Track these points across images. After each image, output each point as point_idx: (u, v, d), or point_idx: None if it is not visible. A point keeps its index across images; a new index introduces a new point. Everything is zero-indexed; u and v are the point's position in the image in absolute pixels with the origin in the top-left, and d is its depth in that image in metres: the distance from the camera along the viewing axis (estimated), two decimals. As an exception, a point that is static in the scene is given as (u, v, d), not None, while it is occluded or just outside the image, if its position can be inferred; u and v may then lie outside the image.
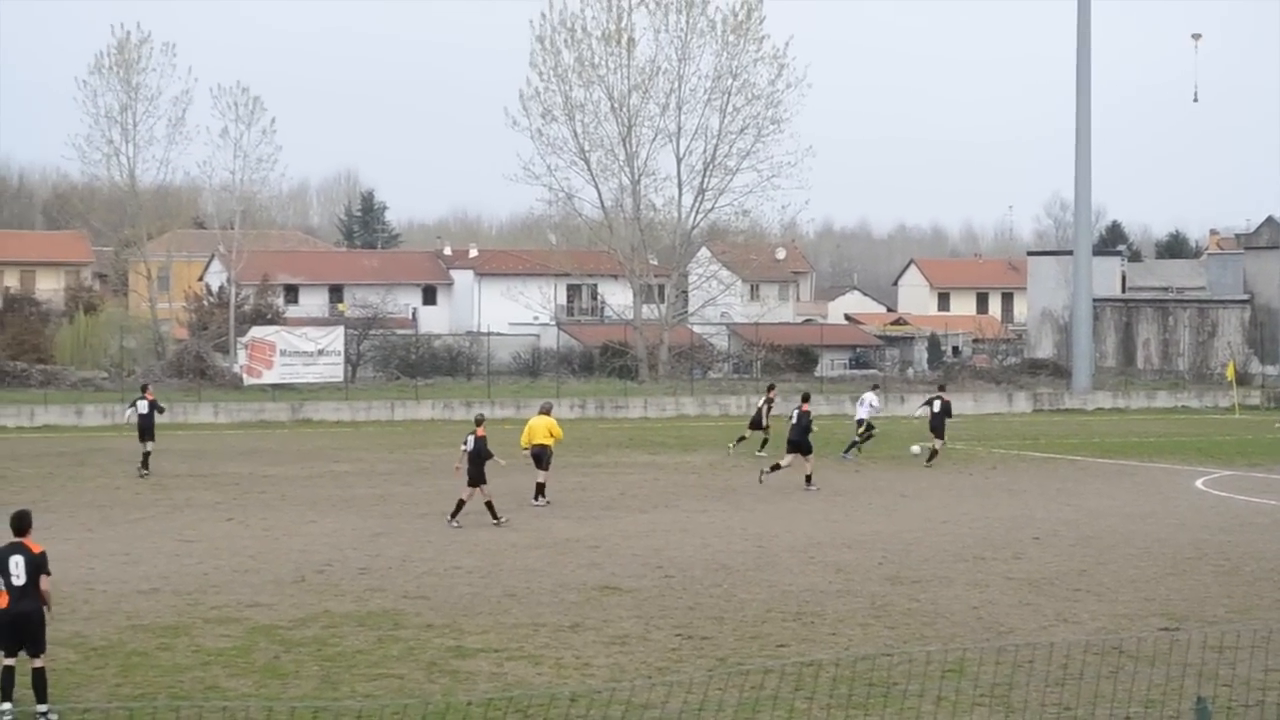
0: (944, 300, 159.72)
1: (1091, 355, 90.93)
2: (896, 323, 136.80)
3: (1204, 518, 39.98)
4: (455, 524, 37.85)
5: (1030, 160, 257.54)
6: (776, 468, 46.19)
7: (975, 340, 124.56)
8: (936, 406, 53.27)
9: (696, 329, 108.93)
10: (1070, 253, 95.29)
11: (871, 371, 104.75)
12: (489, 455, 38.08)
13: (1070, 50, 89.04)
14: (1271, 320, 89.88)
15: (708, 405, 78.76)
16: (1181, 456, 55.94)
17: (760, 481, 45.93)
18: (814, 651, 24.32)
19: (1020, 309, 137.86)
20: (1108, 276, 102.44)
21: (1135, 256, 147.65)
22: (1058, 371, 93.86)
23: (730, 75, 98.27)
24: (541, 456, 41.70)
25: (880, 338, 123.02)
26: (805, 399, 48.24)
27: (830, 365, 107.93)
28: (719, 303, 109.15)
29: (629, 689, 21.27)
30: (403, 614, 27.18)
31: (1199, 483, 48.07)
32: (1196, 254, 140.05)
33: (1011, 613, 27.66)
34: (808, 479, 45.66)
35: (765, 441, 55.19)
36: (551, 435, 41.71)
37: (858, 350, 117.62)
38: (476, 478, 38.02)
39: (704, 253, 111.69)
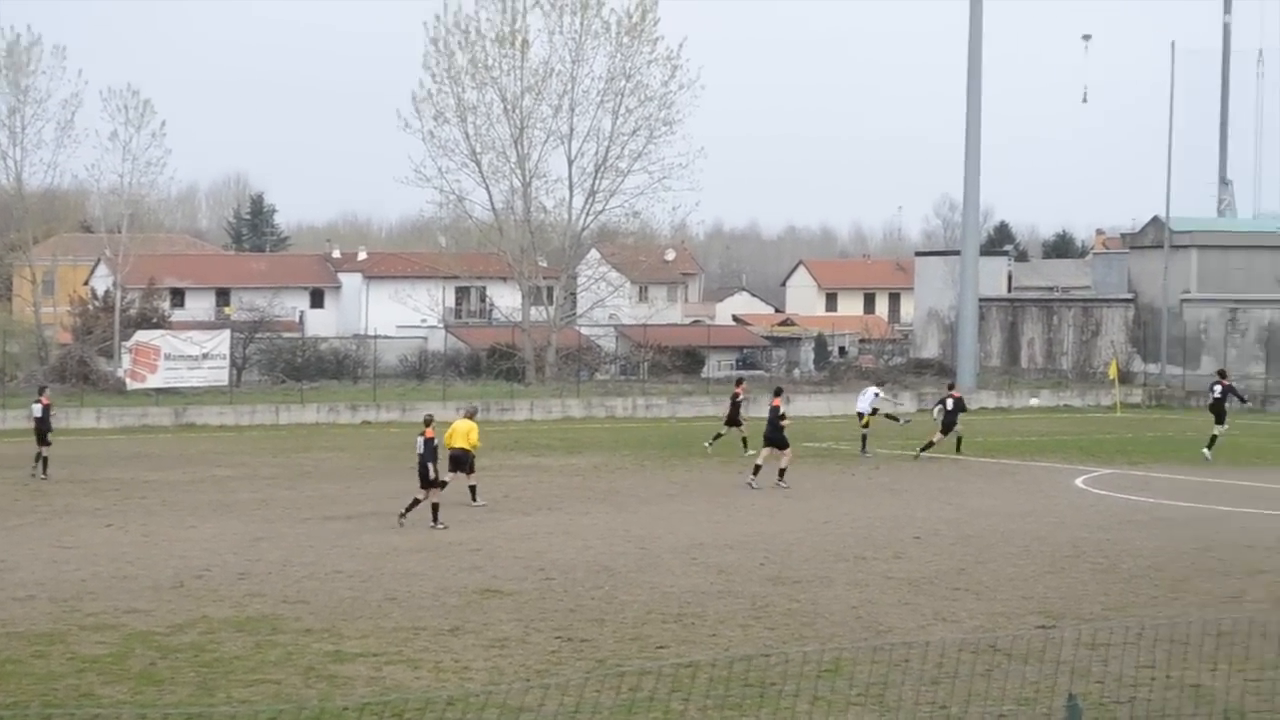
0: (832, 301, 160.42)
1: (976, 355, 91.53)
2: (784, 323, 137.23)
3: (1083, 516, 40.35)
4: (403, 522, 38.05)
5: (920, 161, 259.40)
6: (758, 469, 46.58)
7: (862, 340, 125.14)
8: (949, 404, 54.80)
9: (584, 331, 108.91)
10: (958, 253, 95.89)
11: (758, 372, 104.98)
12: (435, 458, 38.21)
13: (961, 51, 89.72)
14: (1154, 319, 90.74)
15: (594, 407, 78.78)
16: (1063, 455, 56.42)
17: (751, 486, 46.07)
18: (693, 653, 24.36)
19: (907, 309, 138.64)
20: (994, 276, 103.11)
21: (1022, 256, 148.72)
22: (943, 371, 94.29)
23: (624, 77, 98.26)
24: (463, 460, 41.51)
25: (767, 338, 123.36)
26: (777, 393, 48.87)
27: (717, 366, 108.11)
28: (607, 304, 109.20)
29: (506, 692, 21.24)
30: (281, 619, 27.04)
31: (1079, 481, 48.49)
32: (1083, 254, 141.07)
33: (890, 612, 27.82)
34: (780, 473, 46.15)
35: (745, 440, 55.00)
36: (469, 442, 41.44)
37: (744, 351, 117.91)
38: (428, 478, 38.02)
39: (594, 254, 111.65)
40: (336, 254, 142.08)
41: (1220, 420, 54.73)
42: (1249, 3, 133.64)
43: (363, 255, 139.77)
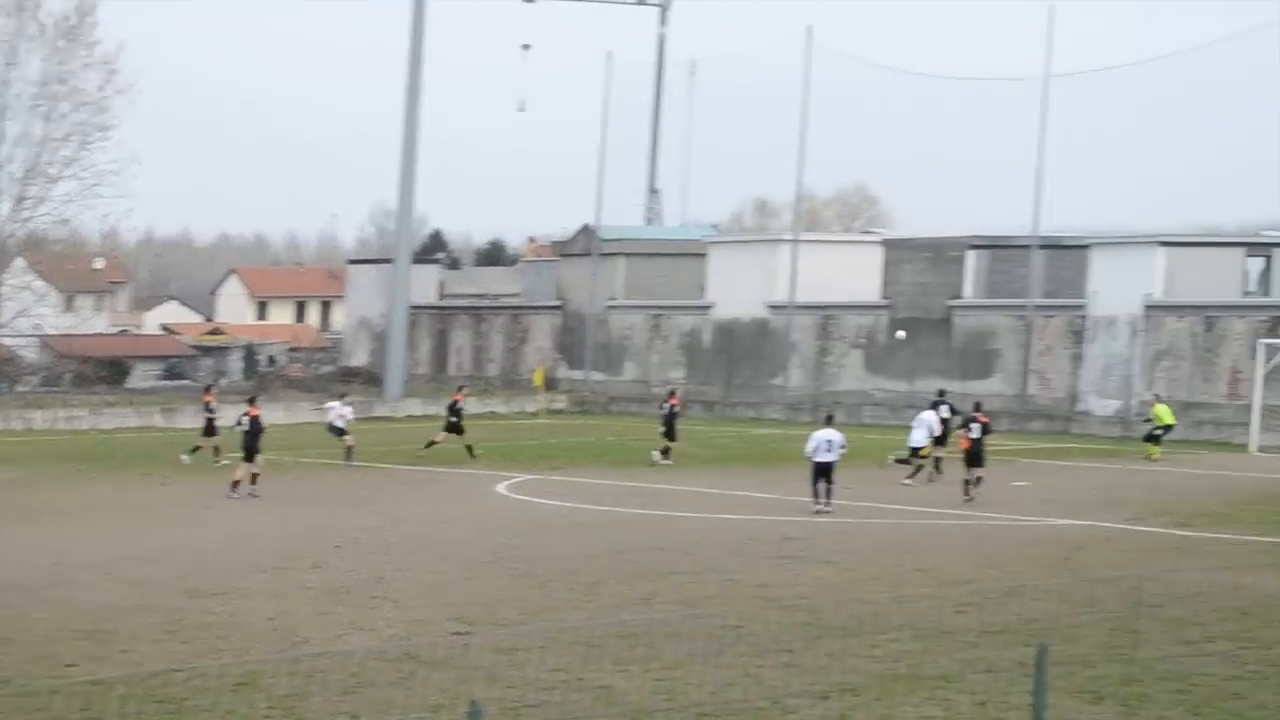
0: (263, 309, 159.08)
1: (405, 363, 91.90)
2: (213, 332, 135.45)
3: (503, 522, 40.88)
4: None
5: (356, 169, 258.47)
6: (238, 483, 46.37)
7: (292, 349, 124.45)
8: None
9: (7, 341, 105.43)
10: (390, 260, 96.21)
11: (185, 382, 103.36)
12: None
13: (401, 58, 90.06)
14: (581, 326, 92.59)
15: (12, 420, 76.28)
16: (486, 462, 56.99)
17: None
18: (104, 670, 23.79)
19: (339, 317, 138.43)
20: (426, 284, 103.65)
21: (455, 264, 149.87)
22: (371, 379, 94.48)
23: (58, 81, 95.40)
24: None
25: (195, 348, 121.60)
26: (250, 401, 49.00)
27: (144, 376, 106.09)
28: (32, 314, 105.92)
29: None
30: None
31: (501, 487, 49.09)
32: (514, 261, 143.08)
33: (308, 622, 27.67)
34: (235, 484, 46.18)
35: (217, 449, 54.40)
36: None
37: (171, 361, 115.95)
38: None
39: (19, 263, 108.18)
40: None
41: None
42: (684, 15, 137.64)
43: None
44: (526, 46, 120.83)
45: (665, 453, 56.02)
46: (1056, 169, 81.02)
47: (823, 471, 41.64)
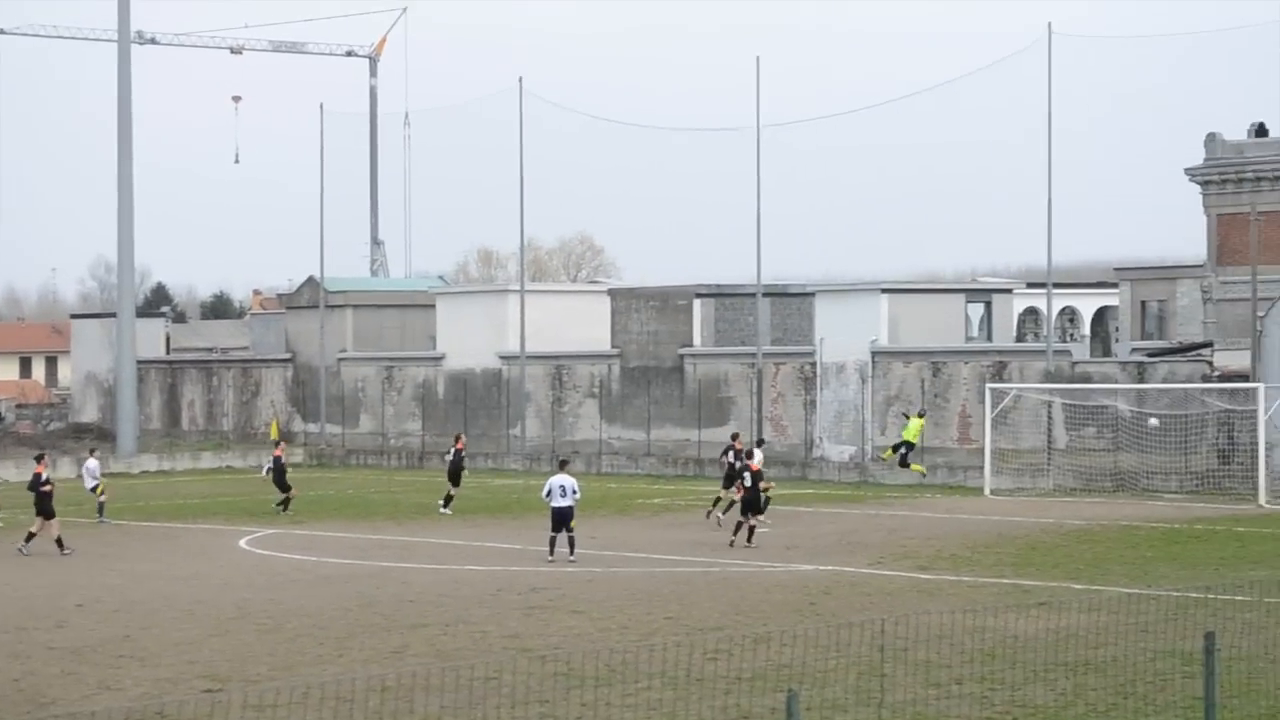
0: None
1: (136, 418, 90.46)
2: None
3: (247, 577, 40.45)
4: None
5: (74, 222, 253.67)
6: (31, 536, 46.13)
7: (19, 405, 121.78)
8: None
9: None
10: (114, 315, 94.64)
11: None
12: None
13: (112, 111, 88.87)
14: (313, 378, 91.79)
15: None
16: (226, 516, 56.36)
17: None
18: None
19: (65, 373, 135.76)
20: (152, 338, 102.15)
21: (181, 318, 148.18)
22: (103, 435, 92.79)
23: None
24: None
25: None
26: (38, 460, 49.05)
27: None
28: None
29: None
30: None
31: (243, 542, 48.53)
32: (241, 314, 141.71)
33: (54, 683, 27.17)
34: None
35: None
36: None
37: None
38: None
39: None
40: None
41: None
42: (395, 66, 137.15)
43: None
44: (237, 98, 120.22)
45: (448, 501, 55.90)
46: (777, 217, 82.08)
47: (562, 518, 41.76)
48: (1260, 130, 70.36)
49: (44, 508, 46.06)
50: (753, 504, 45.42)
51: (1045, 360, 67.70)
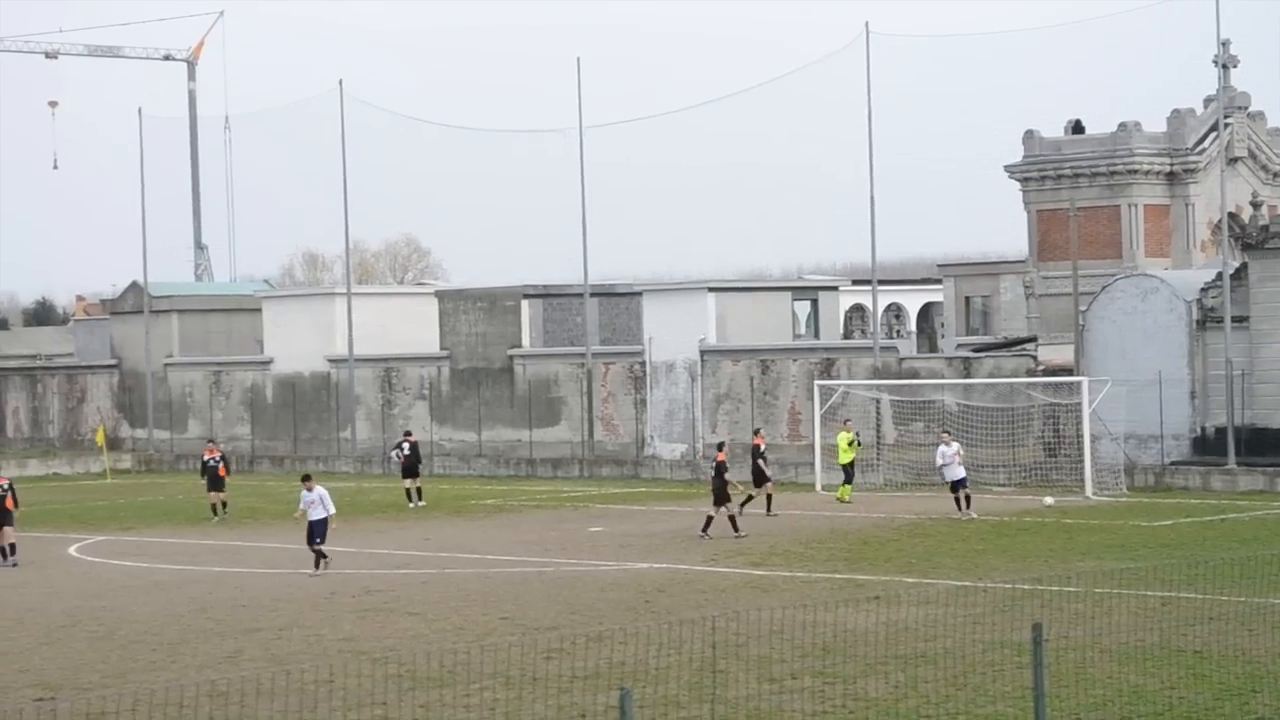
0: None
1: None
2: None
3: (78, 584, 40.03)
4: None
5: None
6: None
7: None
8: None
9: None
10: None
11: None
12: None
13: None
14: (140, 384, 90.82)
15: None
16: (55, 524, 55.62)
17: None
18: None
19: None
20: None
21: (3, 324, 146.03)
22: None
23: None
24: None
25: None
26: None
27: None
28: None
29: None
30: None
31: (73, 549, 48.02)
32: (64, 321, 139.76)
33: (-120, 696, 26.73)
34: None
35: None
36: None
37: None
38: None
39: None
40: None
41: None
42: (214, 70, 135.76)
43: None
44: (54, 103, 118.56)
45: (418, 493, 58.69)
46: (602, 218, 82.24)
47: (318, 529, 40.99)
48: (1077, 127, 71.40)
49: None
50: (719, 495, 46.36)
51: (873, 356, 68.37)
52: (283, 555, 44.68)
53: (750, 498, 50.44)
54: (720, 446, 48.98)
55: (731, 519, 46.15)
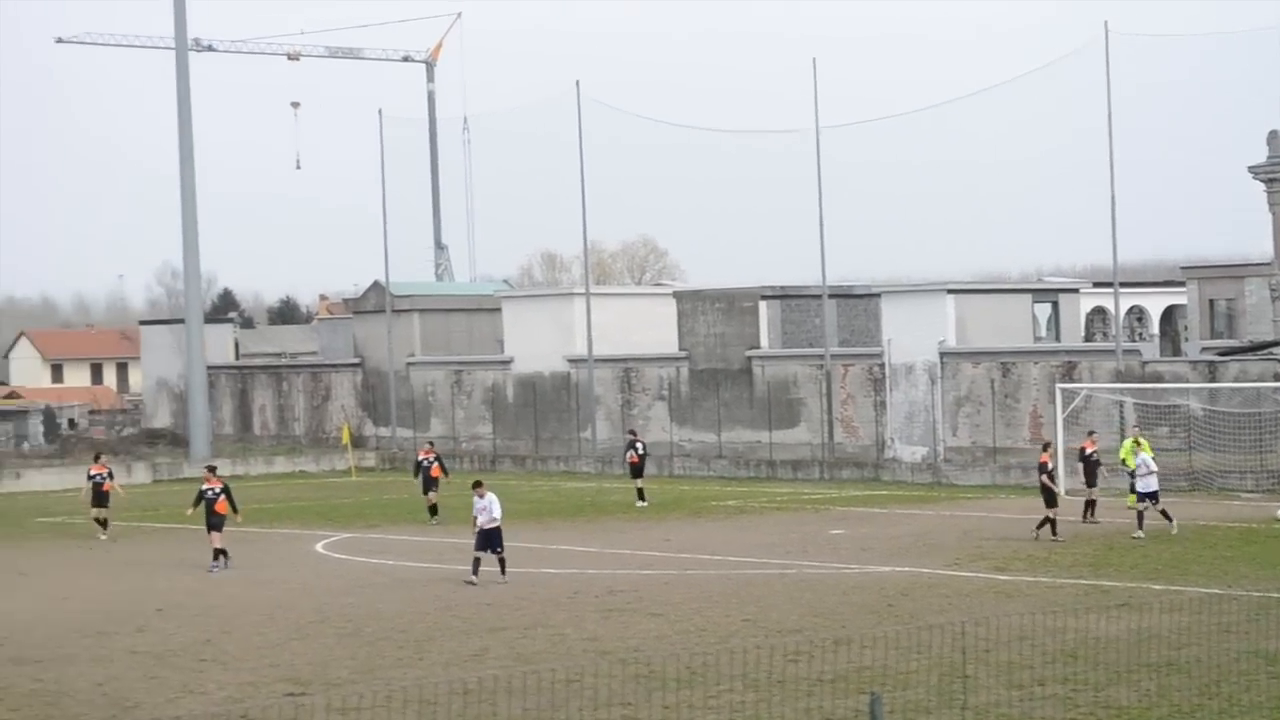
0: (58, 372, 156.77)
1: (209, 423, 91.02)
2: (9, 396, 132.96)
3: (325, 581, 40.65)
4: None
5: (139, 228, 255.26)
6: None
7: (92, 412, 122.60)
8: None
9: None
10: (182, 320, 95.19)
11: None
12: None
13: (171, 114, 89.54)
14: (382, 382, 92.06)
15: None
16: (302, 521, 56.63)
17: None
18: (-67, 742, 23.42)
19: (136, 379, 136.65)
20: (221, 344, 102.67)
21: (248, 323, 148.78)
22: (176, 440, 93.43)
23: None
24: None
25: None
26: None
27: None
28: None
29: None
30: None
31: (319, 546, 48.79)
32: (308, 319, 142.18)
33: (137, 687, 27.39)
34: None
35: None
36: None
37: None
38: None
39: None
40: None
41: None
42: (452, 71, 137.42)
43: None
44: (296, 104, 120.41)
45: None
46: (839, 219, 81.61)
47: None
48: (1322, 126, 69.97)
49: (99, 499, 49.32)
50: (1049, 498, 45.70)
51: (1115, 360, 67.38)
52: (524, 554, 45.03)
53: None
54: (1045, 447, 48.29)
55: (1051, 522, 45.29)
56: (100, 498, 52.14)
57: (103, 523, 51.84)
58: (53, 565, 45.21)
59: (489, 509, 39.65)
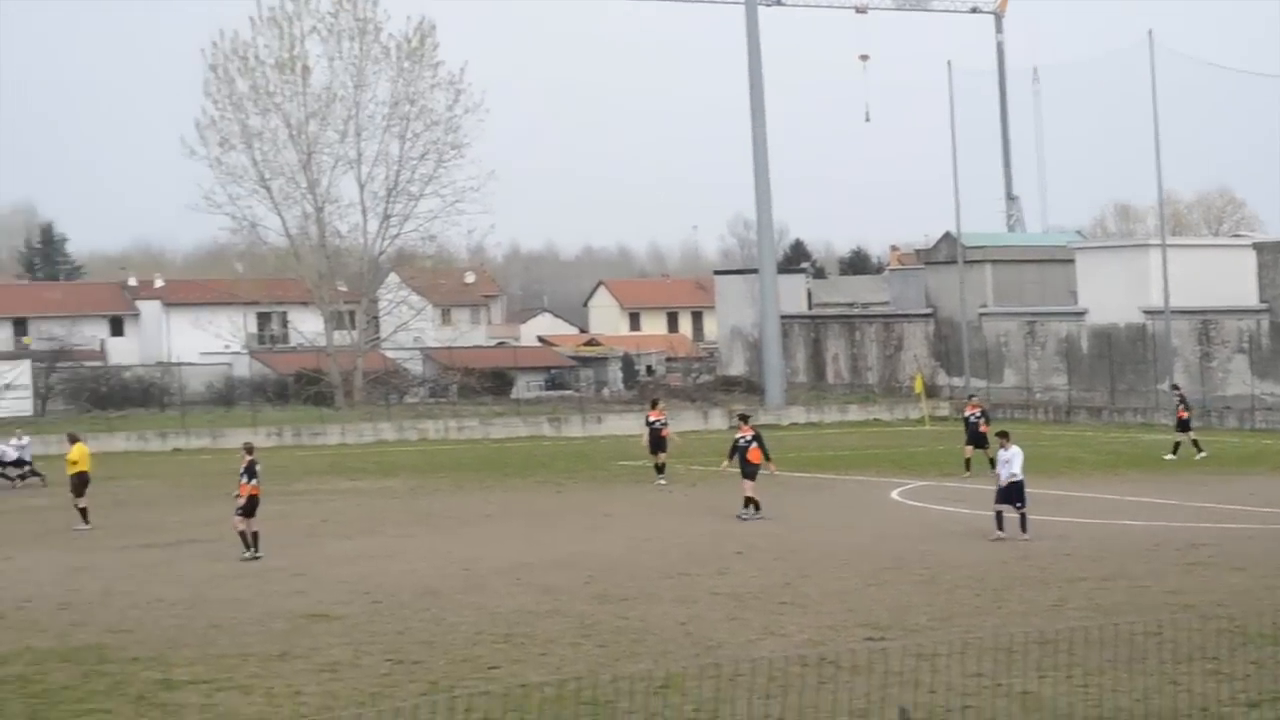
0: (635, 320, 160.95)
1: (783, 371, 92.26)
2: (589, 343, 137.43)
3: (901, 528, 40.73)
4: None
5: (713, 180, 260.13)
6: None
7: (668, 359, 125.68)
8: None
9: (390, 354, 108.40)
10: (756, 271, 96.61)
11: (567, 392, 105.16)
12: None
13: (743, 71, 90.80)
14: (955, 333, 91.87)
15: (405, 430, 78.43)
16: (876, 469, 56.92)
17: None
18: (526, 673, 24.27)
19: (710, 327, 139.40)
20: (794, 293, 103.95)
21: (820, 273, 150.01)
22: (750, 388, 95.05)
23: (408, 101, 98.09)
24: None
25: (574, 359, 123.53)
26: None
27: (526, 387, 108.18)
28: (411, 328, 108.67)
29: (342, 716, 21.06)
30: (107, 648, 26.62)
31: (894, 494, 48.96)
32: (879, 270, 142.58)
33: (719, 627, 27.89)
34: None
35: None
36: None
37: (553, 371, 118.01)
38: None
39: (393, 278, 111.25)
40: (132, 281, 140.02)
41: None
42: (1020, 22, 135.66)
43: (160, 283, 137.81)
44: (865, 57, 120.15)
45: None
46: None
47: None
48: None
49: (657, 444, 51.39)
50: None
51: None
52: (1103, 505, 44.34)
53: None
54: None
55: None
56: (658, 443, 53.39)
57: (659, 468, 53.09)
58: (634, 508, 46.44)
59: (1010, 463, 38.54)
